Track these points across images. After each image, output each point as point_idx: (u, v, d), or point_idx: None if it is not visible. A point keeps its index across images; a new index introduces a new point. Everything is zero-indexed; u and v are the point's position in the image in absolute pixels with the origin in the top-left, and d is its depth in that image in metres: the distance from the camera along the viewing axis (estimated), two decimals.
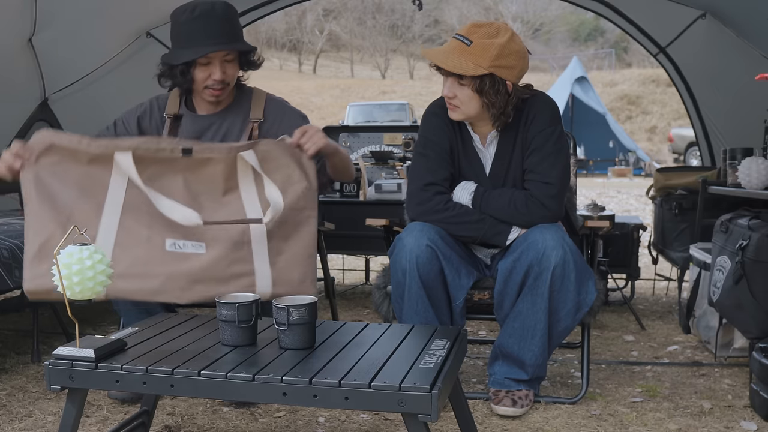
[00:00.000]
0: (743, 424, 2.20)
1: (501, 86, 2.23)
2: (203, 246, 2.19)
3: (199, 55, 2.35)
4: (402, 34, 41.55)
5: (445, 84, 2.30)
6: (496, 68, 2.20)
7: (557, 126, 2.34)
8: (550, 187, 2.28)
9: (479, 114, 2.31)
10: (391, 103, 18.33)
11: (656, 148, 20.94)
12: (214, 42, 2.35)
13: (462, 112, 2.31)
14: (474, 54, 2.20)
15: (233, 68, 2.44)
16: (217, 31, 2.37)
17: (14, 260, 2.60)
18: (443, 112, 2.38)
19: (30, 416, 2.29)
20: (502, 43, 2.21)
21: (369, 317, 3.68)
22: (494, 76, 2.21)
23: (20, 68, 3.85)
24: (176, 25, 2.41)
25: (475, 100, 2.25)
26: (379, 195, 3.79)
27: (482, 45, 2.20)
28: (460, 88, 2.26)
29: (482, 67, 2.19)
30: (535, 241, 2.22)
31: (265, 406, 2.33)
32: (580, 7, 4.74)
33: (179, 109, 2.55)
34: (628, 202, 10.21)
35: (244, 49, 2.44)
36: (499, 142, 2.38)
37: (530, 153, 2.32)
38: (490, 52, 2.19)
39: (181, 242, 2.20)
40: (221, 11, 2.39)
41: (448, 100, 2.31)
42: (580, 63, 17.90)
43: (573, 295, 2.24)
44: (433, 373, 1.51)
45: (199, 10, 2.36)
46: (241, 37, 2.47)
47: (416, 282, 2.25)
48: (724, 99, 4.37)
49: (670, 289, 4.36)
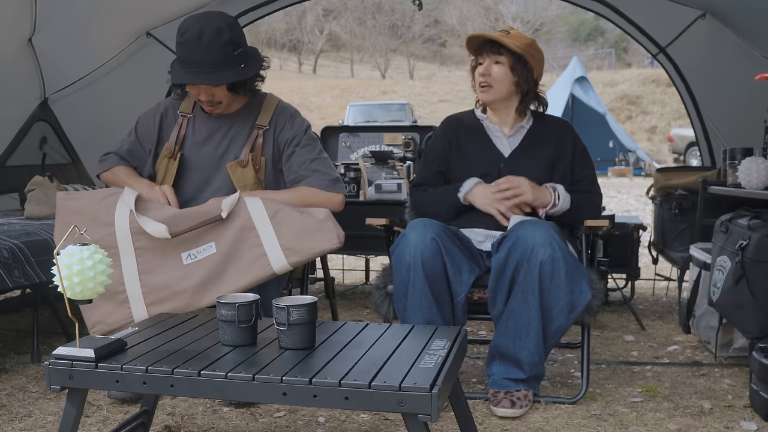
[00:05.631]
0: (743, 424, 2.20)
1: (530, 73, 2.58)
2: (212, 245, 2.28)
3: (179, 81, 2.43)
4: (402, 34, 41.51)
5: (481, 67, 2.59)
6: (528, 54, 2.56)
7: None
8: (600, 197, 2.68)
9: (509, 95, 2.60)
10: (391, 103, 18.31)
11: (656, 148, 20.92)
12: (195, 72, 2.35)
13: (495, 92, 2.58)
14: (513, 38, 2.56)
15: (221, 91, 2.44)
16: (200, 59, 2.34)
17: (14, 260, 2.60)
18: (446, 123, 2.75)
19: (30, 416, 2.29)
20: (533, 39, 2.63)
21: (369, 317, 3.69)
22: (526, 61, 2.56)
23: (20, 68, 3.85)
24: (176, 40, 2.43)
25: (509, 78, 2.57)
26: (379, 195, 3.79)
27: (519, 35, 2.60)
28: (497, 66, 2.57)
29: (519, 48, 2.54)
30: (525, 237, 2.25)
31: (265, 406, 2.33)
32: (580, 7, 4.74)
33: (193, 110, 2.58)
34: (628, 202, 10.20)
35: (221, 83, 2.37)
36: (526, 136, 2.65)
37: (582, 167, 2.65)
38: (526, 40, 2.58)
39: (194, 251, 2.30)
40: (208, 39, 2.32)
41: (483, 80, 2.58)
42: (580, 63, 17.87)
43: (565, 293, 2.25)
44: (433, 373, 1.51)
45: (187, 36, 2.35)
46: (232, 62, 2.38)
47: (421, 277, 2.26)
48: (724, 99, 4.37)
49: (670, 289, 4.36)
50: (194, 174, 2.55)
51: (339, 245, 2.31)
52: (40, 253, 2.69)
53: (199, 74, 2.36)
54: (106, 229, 2.29)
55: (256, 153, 2.51)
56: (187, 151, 2.55)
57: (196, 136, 2.56)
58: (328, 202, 2.45)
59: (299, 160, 2.52)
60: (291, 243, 2.27)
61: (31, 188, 3.22)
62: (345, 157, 4.48)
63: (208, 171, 2.54)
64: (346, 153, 4.55)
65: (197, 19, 2.38)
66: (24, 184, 3.31)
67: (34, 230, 2.80)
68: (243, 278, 2.26)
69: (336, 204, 2.47)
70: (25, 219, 3.15)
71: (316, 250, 2.30)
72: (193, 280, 2.26)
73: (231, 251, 2.27)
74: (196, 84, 2.40)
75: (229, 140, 2.53)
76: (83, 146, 4.30)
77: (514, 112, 2.64)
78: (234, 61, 2.39)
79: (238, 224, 2.28)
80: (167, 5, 4.22)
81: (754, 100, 3.80)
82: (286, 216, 2.28)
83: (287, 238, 2.27)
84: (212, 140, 2.54)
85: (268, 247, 2.26)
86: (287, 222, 2.27)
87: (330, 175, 2.51)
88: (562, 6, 16.76)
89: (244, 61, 2.42)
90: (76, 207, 2.35)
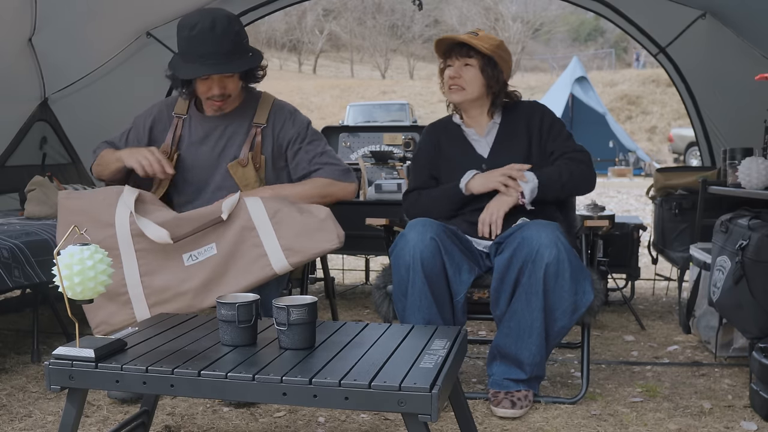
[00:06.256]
0: (743, 424, 2.20)
1: (500, 74, 2.59)
2: (213, 246, 2.28)
3: (194, 76, 2.40)
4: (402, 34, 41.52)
5: (451, 69, 2.59)
6: (498, 55, 2.57)
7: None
8: (585, 153, 2.59)
9: (480, 96, 2.60)
10: (391, 103, 18.32)
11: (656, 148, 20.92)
12: (211, 63, 2.36)
13: (465, 93, 2.58)
14: (482, 39, 2.56)
15: (233, 82, 2.46)
16: (214, 50, 2.35)
17: (14, 260, 2.60)
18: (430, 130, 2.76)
19: (30, 416, 2.29)
20: (501, 41, 2.64)
21: (369, 317, 3.69)
22: (496, 62, 2.56)
23: (20, 68, 3.85)
24: (179, 37, 2.42)
25: (479, 80, 2.57)
26: (379, 195, 3.79)
27: (487, 36, 2.60)
28: (467, 68, 2.57)
29: (489, 50, 2.54)
30: (530, 238, 2.24)
31: (265, 406, 2.33)
32: (580, 7, 4.74)
33: (188, 110, 2.57)
34: (628, 202, 10.21)
35: (238, 70, 2.42)
36: (499, 131, 2.64)
37: (553, 139, 2.60)
38: (495, 41, 2.59)
39: (196, 252, 2.30)
40: (221, 29, 2.35)
41: (452, 82, 2.59)
42: (580, 63, 17.88)
43: (569, 294, 2.25)
44: (433, 373, 1.51)
45: (198, 28, 2.35)
46: (242, 51, 2.43)
47: (420, 277, 2.26)
48: (724, 99, 4.36)
49: (670, 289, 4.36)
50: (193, 175, 2.55)
51: (339, 245, 2.31)
52: (40, 253, 2.69)
53: (216, 65, 2.36)
54: (107, 230, 2.29)
55: (256, 152, 2.51)
56: (184, 152, 2.55)
57: (192, 137, 2.56)
58: (342, 191, 2.52)
59: (308, 156, 2.54)
60: (291, 243, 2.27)
61: (31, 188, 3.22)
62: (345, 157, 4.48)
63: (207, 171, 2.54)
64: (346, 153, 4.56)
65: (203, 13, 2.39)
66: (24, 184, 3.31)
67: (34, 230, 2.80)
68: (244, 279, 2.26)
69: (350, 192, 2.55)
70: (25, 219, 3.15)
71: (317, 250, 2.30)
72: (195, 281, 2.26)
73: (232, 251, 2.27)
74: (214, 74, 2.39)
75: (226, 140, 2.53)
76: (83, 146, 4.29)
77: (486, 113, 2.65)
78: (244, 51, 2.43)
79: (239, 225, 2.28)
80: (167, 5, 4.22)
81: (754, 100, 3.80)
82: (286, 215, 2.28)
83: (287, 238, 2.27)
84: (209, 140, 2.54)
85: (268, 248, 2.26)
86: (287, 221, 2.27)
87: (341, 166, 2.56)
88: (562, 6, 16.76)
89: (250, 50, 2.47)
90: (78, 207, 2.35)
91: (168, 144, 2.54)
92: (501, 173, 2.48)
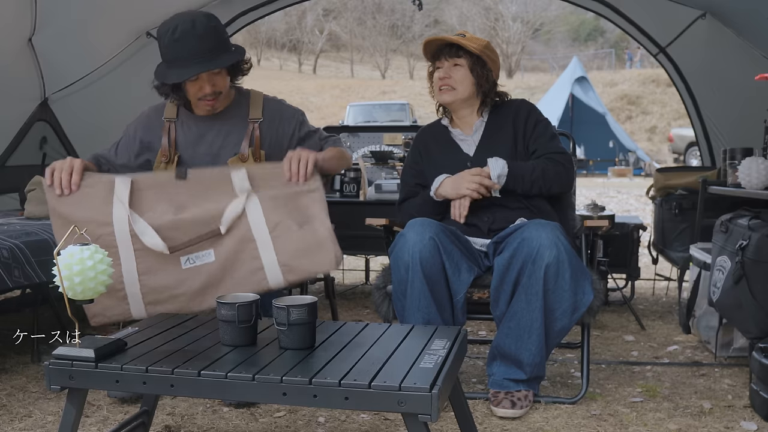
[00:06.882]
0: (743, 424, 2.20)
1: (489, 73, 2.61)
2: (211, 253, 2.28)
3: (183, 78, 2.39)
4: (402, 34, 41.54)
5: (440, 70, 2.61)
6: (486, 55, 2.60)
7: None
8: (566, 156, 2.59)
9: (470, 95, 2.61)
10: (392, 103, 18.34)
11: (656, 148, 20.94)
12: (198, 62, 2.36)
13: (456, 93, 2.60)
14: (470, 40, 2.60)
15: (222, 79, 2.47)
16: (199, 49, 2.35)
17: (14, 260, 2.59)
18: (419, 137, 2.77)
19: (30, 416, 2.29)
20: (488, 41, 2.68)
21: (369, 317, 3.69)
22: (484, 62, 2.59)
23: (20, 68, 3.85)
24: (161, 45, 2.42)
25: (468, 80, 2.59)
26: (379, 195, 3.79)
27: (474, 37, 2.64)
28: (456, 69, 2.60)
29: (477, 50, 2.57)
30: (530, 238, 2.24)
31: (265, 406, 2.33)
32: (580, 7, 4.74)
33: (177, 114, 2.57)
34: (628, 202, 10.21)
35: (226, 64, 2.43)
36: (485, 129, 2.65)
37: (536, 138, 2.60)
38: (482, 42, 2.62)
39: (193, 256, 2.30)
40: (202, 27, 2.36)
41: (442, 83, 2.61)
42: (580, 63, 17.90)
43: (569, 294, 2.25)
44: (433, 373, 1.51)
45: (179, 31, 2.35)
46: (225, 46, 2.44)
47: (419, 277, 2.26)
48: (724, 99, 4.37)
49: (670, 289, 4.36)
50: None
51: (336, 267, 2.32)
52: (40, 253, 2.69)
53: (203, 63, 2.36)
54: (104, 228, 2.29)
55: (256, 147, 2.52)
56: (182, 154, 2.55)
57: (188, 138, 2.55)
58: (351, 160, 2.94)
59: (314, 139, 2.63)
60: (289, 260, 2.26)
61: (31, 188, 3.22)
62: None
63: None
64: None
65: (179, 16, 2.40)
66: (24, 184, 3.31)
67: (34, 230, 2.80)
68: (239, 289, 2.23)
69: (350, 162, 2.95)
70: (25, 219, 3.15)
71: (314, 271, 2.32)
72: (191, 285, 2.27)
73: (230, 260, 2.26)
74: (203, 73, 2.38)
75: (222, 138, 2.53)
76: (83, 146, 4.29)
77: (475, 113, 2.66)
78: (226, 45, 2.45)
79: (238, 235, 2.27)
80: (167, 5, 4.21)
81: (754, 100, 3.81)
82: (286, 230, 2.26)
83: (286, 255, 2.25)
84: (204, 140, 2.54)
85: (266, 262, 2.25)
86: (287, 236, 2.26)
87: (343, 143, 2.71)
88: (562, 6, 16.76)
89: (232, 45, 2.49)
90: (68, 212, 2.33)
91: (166, 147, 2.54)
92: (470, 181, 2.46)
